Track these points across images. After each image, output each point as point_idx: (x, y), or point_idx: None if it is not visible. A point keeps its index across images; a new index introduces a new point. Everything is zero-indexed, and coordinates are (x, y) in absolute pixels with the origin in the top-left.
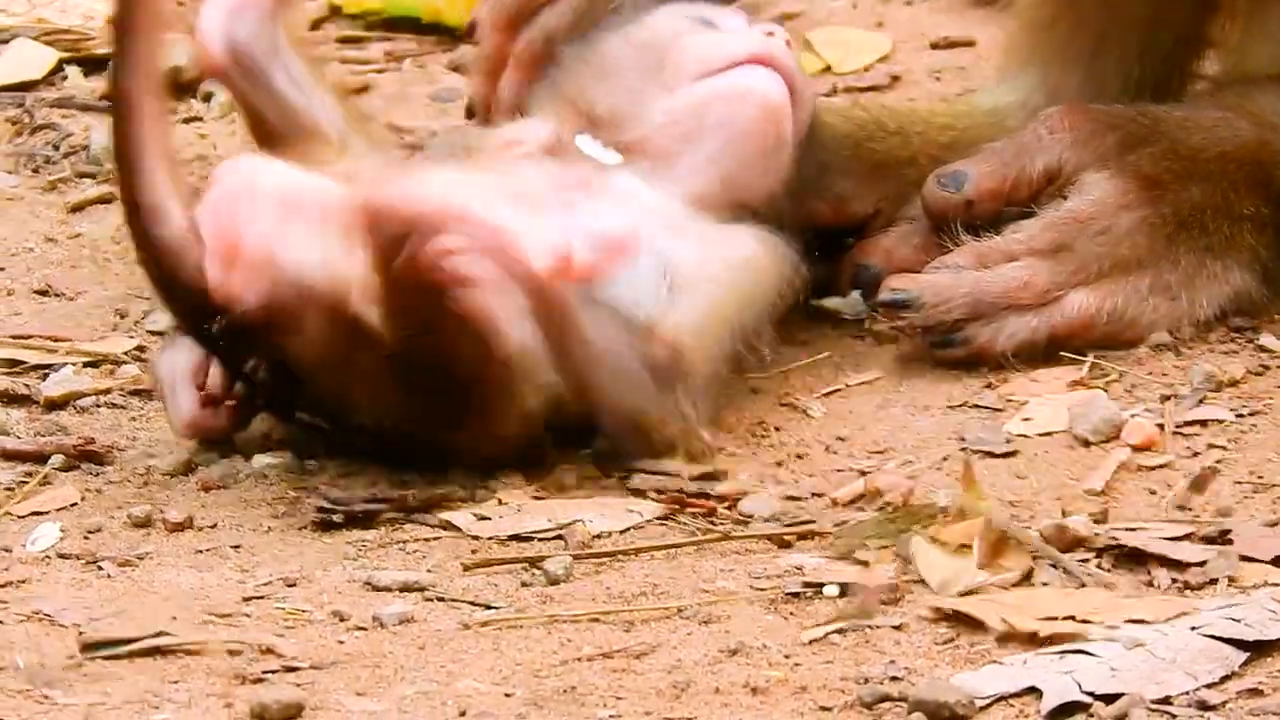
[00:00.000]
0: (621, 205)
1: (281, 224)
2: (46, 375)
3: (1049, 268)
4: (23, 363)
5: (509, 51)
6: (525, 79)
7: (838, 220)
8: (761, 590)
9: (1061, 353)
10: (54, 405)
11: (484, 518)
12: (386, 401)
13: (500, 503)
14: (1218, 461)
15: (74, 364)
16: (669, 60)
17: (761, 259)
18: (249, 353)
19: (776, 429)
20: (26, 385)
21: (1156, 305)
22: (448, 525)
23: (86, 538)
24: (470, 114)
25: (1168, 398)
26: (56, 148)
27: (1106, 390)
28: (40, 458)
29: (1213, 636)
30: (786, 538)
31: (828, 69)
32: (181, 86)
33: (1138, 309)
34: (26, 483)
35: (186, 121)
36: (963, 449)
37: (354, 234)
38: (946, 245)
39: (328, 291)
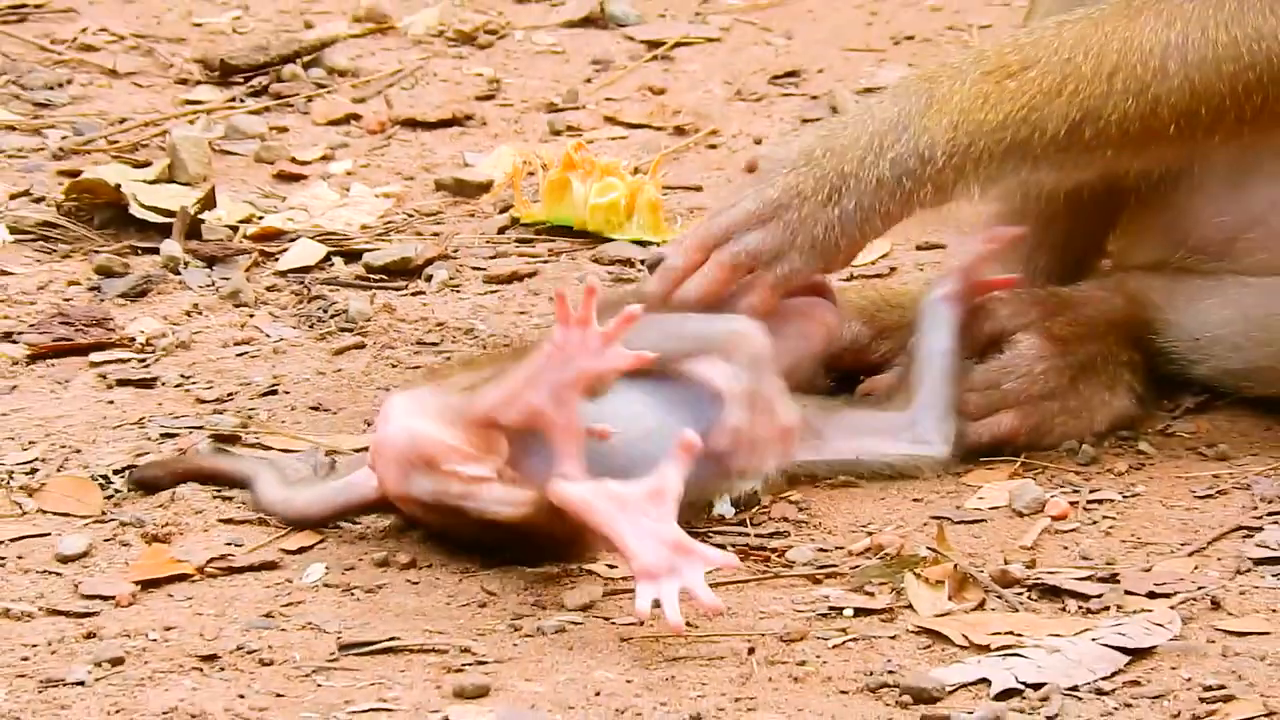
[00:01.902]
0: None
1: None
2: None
3: (981, 398)
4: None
5: (699, 266)
6: (717, 284)
7: (855, 365)
8: (800, 612)
9: (1001, 454)
10: None
11: (612, 564)
12: None
13: None
14: (1109, 528)
15: (336, 457)
16: None
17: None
18: None
19: (813, 506)
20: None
21: (1065, 422)
22: (589, 571)
23: (343, 573)
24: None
25: (1075, 484)
26: (326, 311)
27: (1035, 479)
28: None
29: (1106, 645)
30: (818, 577)
31: None
32: (409, 271)
33: (1050, 425)
34: None
35: (413, 294)
36: (938, 518)
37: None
38: None
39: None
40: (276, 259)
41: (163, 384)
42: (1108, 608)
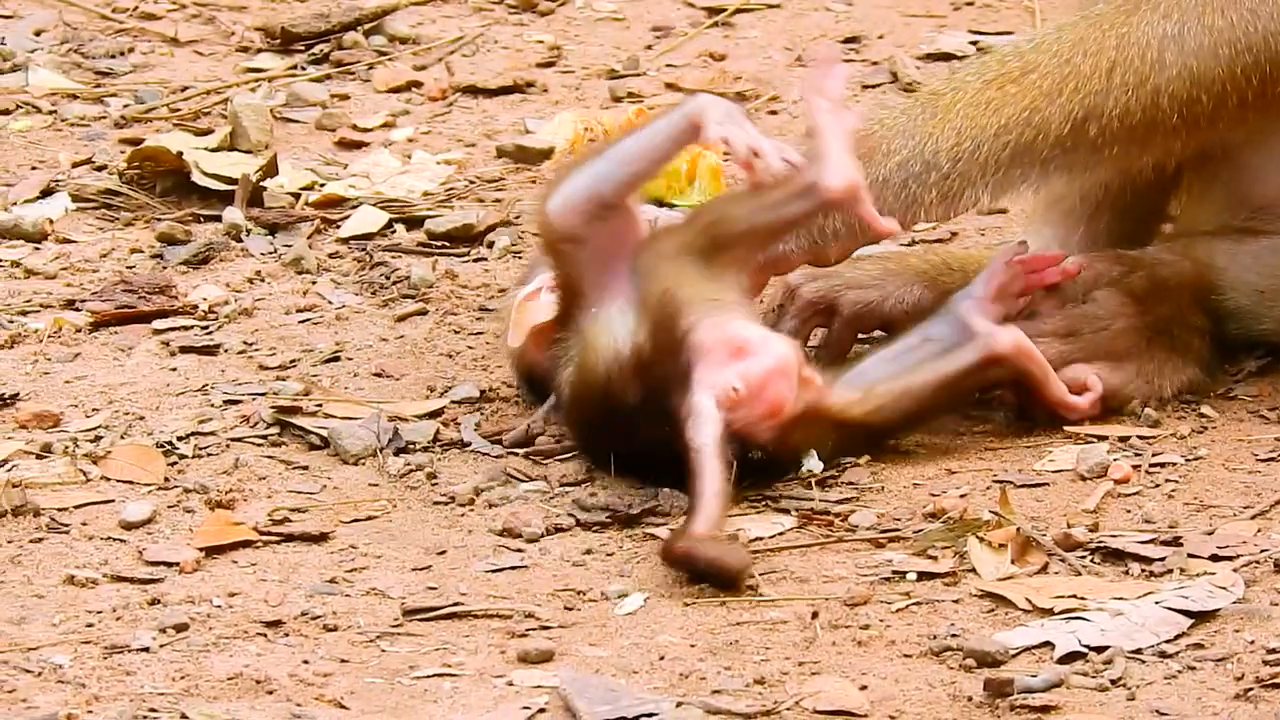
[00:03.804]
0: None
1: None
2: None
3: (1059, 346)
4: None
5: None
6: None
7: None
8: (864, 576)
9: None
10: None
11: (675, 528)
12: None
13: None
14: (1172, 491)
15: (398, 422)
16: None
17: None
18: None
19: (877, 470)
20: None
21: (1138, 386)
22: (651, 536)
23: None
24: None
25: (1138, 447)
26: (388, 278)
27: (1098, 442)
28: None
29: (1169, 608)
30: (881, 541)
31: None
32: (471, 237)
33: (1124, 387)
34: None
35: (475, 261)
36: (1000, 482)
37: None
38: None
39: None
40: (338, 226)
41: (225, 351)
42: (1170, 571)
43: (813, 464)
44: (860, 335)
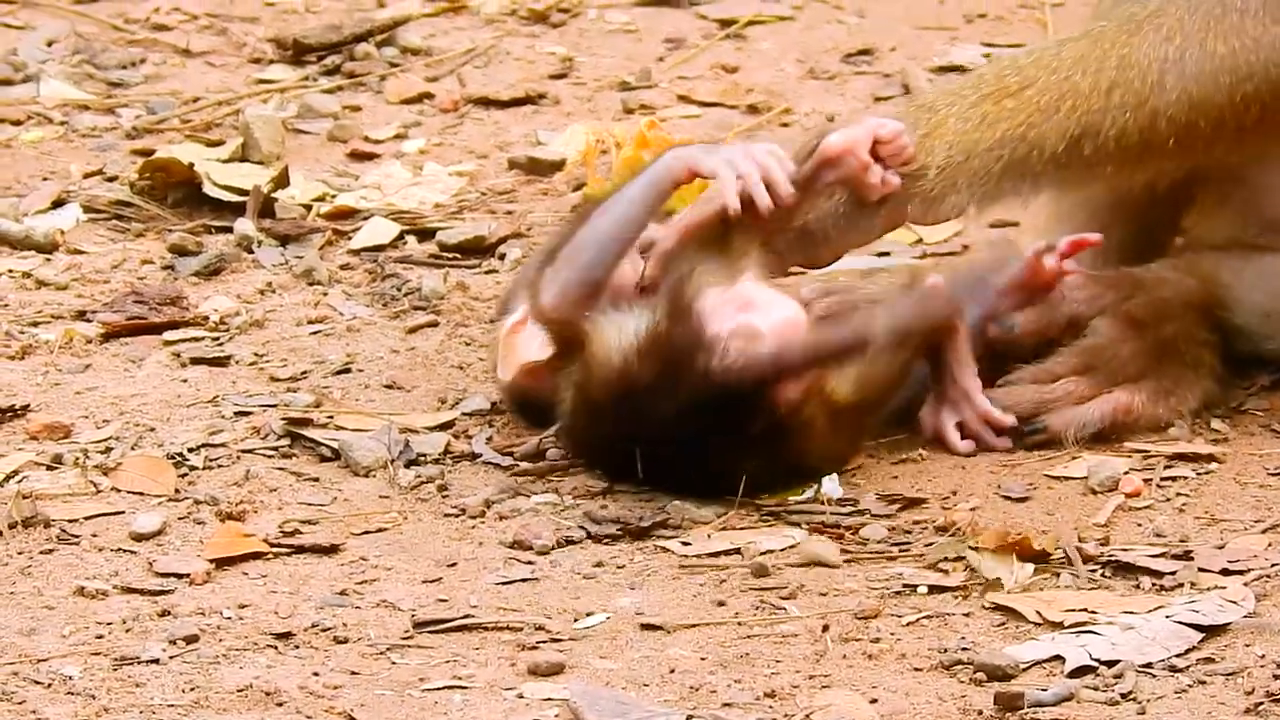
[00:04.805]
0: None
1: None
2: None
3: (1083, 384)
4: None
5: None
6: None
7: None
8: (874, 589)
9: (1107, 439)
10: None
11: (686, 541)
12: None
13: (696, 530)
14: (1183, 505)
15: (409, 434)
16: None
17: None
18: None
19: (888, 483)
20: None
21: (1161, 404)
22: (663, 549)
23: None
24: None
25: (1150, 462)
26: (399, 289)
27: (1109, 456)
28: None
29: (1180, 622)
30: (891, 554)
31: (920, 240)
32: (483, 249)
33: (1155, 409)
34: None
35: (487, 273)
36: (1011, 496)
37: None
38: (1001, 366)
39: None
40: (350, 238)
41: (236, 362)
42: (1181, 585)
43: (830, 487)
44: None
